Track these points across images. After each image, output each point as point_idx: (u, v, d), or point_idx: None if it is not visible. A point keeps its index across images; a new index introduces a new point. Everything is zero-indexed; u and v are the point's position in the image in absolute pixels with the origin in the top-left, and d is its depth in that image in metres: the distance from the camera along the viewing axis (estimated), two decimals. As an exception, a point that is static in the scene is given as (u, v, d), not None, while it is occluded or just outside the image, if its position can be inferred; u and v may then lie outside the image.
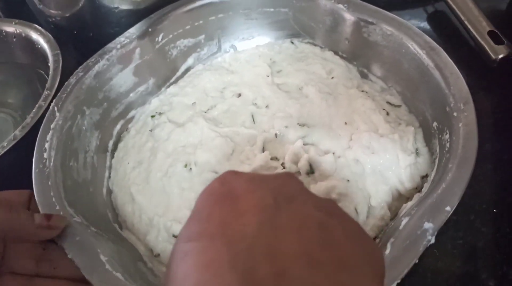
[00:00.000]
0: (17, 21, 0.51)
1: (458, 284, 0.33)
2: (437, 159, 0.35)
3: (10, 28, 0.51)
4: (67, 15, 0.51)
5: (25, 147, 0.40)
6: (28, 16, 0.53)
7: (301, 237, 0.19)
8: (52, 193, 0.34)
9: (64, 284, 0.29)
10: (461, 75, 0.36)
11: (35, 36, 0.50)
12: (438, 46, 0.39)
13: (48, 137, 0.38)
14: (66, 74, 0.45)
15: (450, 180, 0.29)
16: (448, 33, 0.53)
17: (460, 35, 0.51)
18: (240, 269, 0.17)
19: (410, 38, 0.40)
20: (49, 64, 0.47)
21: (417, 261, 0.26)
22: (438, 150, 0.35)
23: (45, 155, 0.36)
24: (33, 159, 0.36)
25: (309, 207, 0.21)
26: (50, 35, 0.49)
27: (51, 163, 0.36)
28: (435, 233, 0.27)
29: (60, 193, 0.34)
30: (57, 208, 0.33)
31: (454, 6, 0.51)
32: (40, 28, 0.50)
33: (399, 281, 0.25)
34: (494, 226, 0.36)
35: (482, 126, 0.42)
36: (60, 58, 0.47)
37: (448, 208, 0.28)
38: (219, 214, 0.20)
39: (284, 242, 0.19)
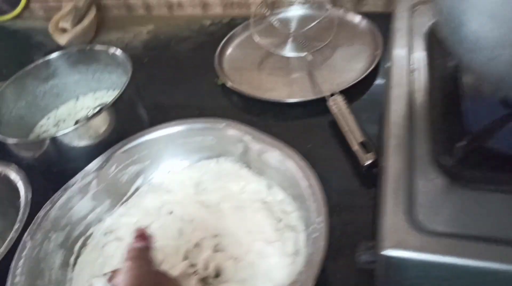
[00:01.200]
0: (-2, 161, 0.65)
1: None
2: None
3: (-10, 166, 0.64)
4: (36, 156, 0.64)
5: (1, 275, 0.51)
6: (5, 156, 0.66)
7: None
8: (20, 313, 0.45)
9: None
10: (321, 195, 0.49)
11: (12, 174, 0.63)
12: (308, 170, 0.52)
13: (20, 264, 0.49)
14: (35, 206, 0.57)
15: (302, 282, 0.41)
16: (339, 140, 0.68)
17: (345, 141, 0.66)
18: None
19: (295, 163, 0.54)
20: (20, 200, 0.59)
21: None
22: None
23: (17, 279, 0.48)
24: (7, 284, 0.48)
25: None
26: (24, 173, 0.62)
27: (21, 286, 0.47)
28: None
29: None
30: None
31: (338, 120, 0.67)
32: (16, 167, 0.63)
33: None
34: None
35: (354, 223, 0.55)
36: (30, 194, 0.59)
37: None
38: None
39: None
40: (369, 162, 0.60)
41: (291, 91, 0.79)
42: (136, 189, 0.63)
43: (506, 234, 0.34)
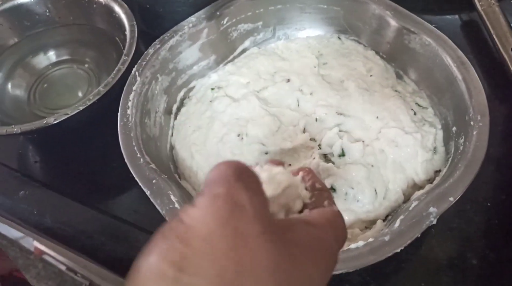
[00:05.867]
0: (98, -10, 0.58)
1: (446, 257, 0.41)
2: (451, 158, 0.41)
3: (92, -4, 0.58)
4: (143, -10, 0.57)
5: (106, 102, 0.48)
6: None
7: None
8: (134, 143, 0.42)
9: None
10: (483, 90, 0.42)
11: (113, 6, 0.57)
12: (467, 61, 0.45)
13: (131, 97, 0.46)
14: (137, 44, 0.53)
15: (457, 177, 0.36)
16: (478, 41, 0.58)
17: (488, 45, 0.56)
18: None
19: (444, 51, 0.46)
20: (125, 33, 0.54)
21: (419, 236, 0.34)
22: (452, 151, 0.42)
23: (128, 111, 0.45)
24: (119, 114, 0.44)
25: None
26: (127, 6, 0.56)
27: (132, 119, 0.44)
28: (437, 216, 0.34)
29: (139, 144, 0.42)
30: (138, 155, 0.41)
31: (486, 19, 0.56)
32: None
33: (402, 248, 0.33)
34: (485, 217, 0.43)
35: (491, 132, 0.49)
36: (136, 29, 0.54)
37: (451, 199, 0.35)
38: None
39: None
40: (521, 71, 0.51)
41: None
42: (243, 51, 0.57)
43: None
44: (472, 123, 0.40)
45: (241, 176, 0.21)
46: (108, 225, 0.47)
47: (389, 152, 0.43)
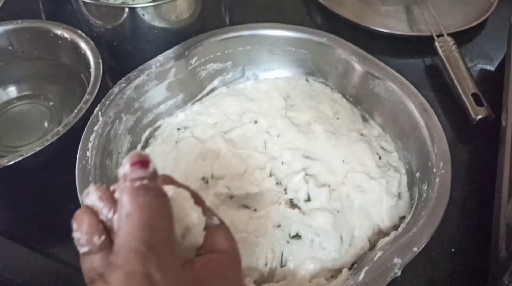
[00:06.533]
0: (64, 25, 0.57)
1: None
2: (415, 204, 0.41)
3: (58, 31, 0.57)
4: (109, 27, 0.56)
5: (66, 142, 0.46)
6: (71, 21, 0.59)
7: None
8: (92, 188, 0.40)
9: None
10: (445, 137, 0.43)
11: (79, 42, 0.56)
12: (430, 107, 0.46)
13: (91, 138, 0.44)
14: (104, 81, 0.51)
15: (421, 226, 0.36)
16: (440, 85, 0.60)
17: (450, 89, 0.58)
18: None
19: (408, 97, 0.47)
20: (90, 70, 0.53)
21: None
22: (416, 197, 0.42)
23: (88, 153, 0.43)
24: (78, 156, 0.43)
25: None
26: (93, 43, 0.55)
27: (92, 161, 0.42)
28: (402, 268, 0.34)
29: (98, 188, 0.40)
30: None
31: (447, 65, 0.59)
32: (84, 35, 0.56)
33: (367, 301, 0.32)
34: (450, 263, 0.43)
35: (454, 175, 0.49)
36: (101, 67, 0.53)
37: (415, 249, 0.35)
38: None
39: None
40: (480, 116, 0.53)
41: (385, 22, 0.70)
42: (212, 90, 0.57)
43: None
44: (434, 170, 0.40)
45: (154, 245, 0.21)
46: (61, 273, 0.44)
47: (355, 197, 0.43)
